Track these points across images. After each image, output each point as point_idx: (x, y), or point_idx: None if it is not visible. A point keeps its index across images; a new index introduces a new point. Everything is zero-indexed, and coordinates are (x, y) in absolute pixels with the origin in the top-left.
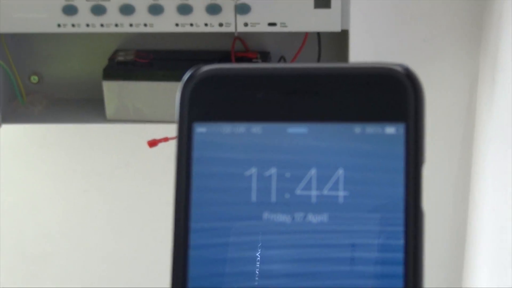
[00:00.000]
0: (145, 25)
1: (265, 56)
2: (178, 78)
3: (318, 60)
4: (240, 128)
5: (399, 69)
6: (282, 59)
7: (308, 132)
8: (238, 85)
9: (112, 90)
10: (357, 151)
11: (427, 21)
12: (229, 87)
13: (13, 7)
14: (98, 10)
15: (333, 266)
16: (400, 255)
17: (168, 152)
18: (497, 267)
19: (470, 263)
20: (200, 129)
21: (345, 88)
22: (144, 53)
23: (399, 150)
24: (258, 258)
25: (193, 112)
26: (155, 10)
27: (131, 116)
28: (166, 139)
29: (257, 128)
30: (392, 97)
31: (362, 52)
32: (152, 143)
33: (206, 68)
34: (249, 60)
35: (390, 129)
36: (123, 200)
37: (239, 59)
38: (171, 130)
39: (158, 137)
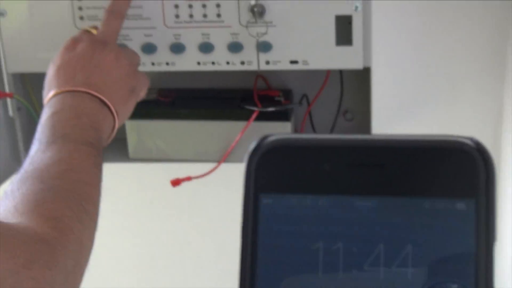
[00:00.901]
0: (167, 63)
1: (287, 94)
2: (200, 117)
3: (341, 98)
4: (306, 200)
5: (469, 142)
6: (304, 97)
7: (376, 206)
8: (305, 156)
9: (134, 129)
10: (426, 226)
11: (450, 59)
12: (295, 158)
13: (36, 47)
14: None
15: None
16: None
17: (191, 191)
18: None
19: None
20: (266, 200)
21: (413, 161)
22: (166, 91)
23: (469, 227)
24: None
25: (259, 182)
26: (177, 48)
27: (153, 155)
28: (189, 178)
29: (324, 201)
30: (462, 171)
31: (385, 89)
32: (175, 182)
33: (272, 138)
34: (271, 98)
35: (460, 205)
36: (146, 239)
37: (261, 97)
38: (194, 169)
39: (181, 176)
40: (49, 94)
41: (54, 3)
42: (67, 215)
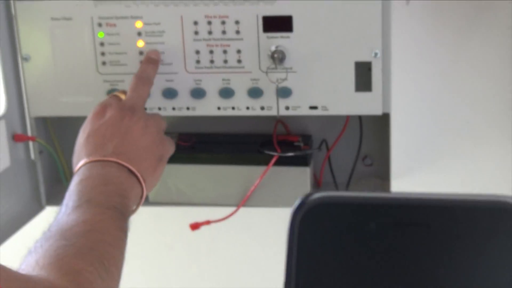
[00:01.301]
0: (188, 108)
1: (306, 139)
2: (221, 161)
3: (360, 143)
4: (350, 260)
5: None
6: (323, 142)
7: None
8: (350, 213)
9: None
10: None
11: (470, 106)
12: (340, 216)
13: (59, 92)
14: None
15: None
16: None
17: (210, 235)
18: None
19: None
20: (310, 258)
21: (459, 220)
22: (186, 136)
23: None
24: None
25: (303, 240)
26: (198, 93)
27: (173, 199)
28: (208, 222)
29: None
30: (508, 231)
31: (404, 135)
32: (195, 226)
33: (317, 195)
34: (290, 143)
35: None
36: (164, 282)
37: (281, 142)
38: (213, 213)
39: (200, 220)
40: (79, 163)
41: (77, 48)
42: (87, 270)
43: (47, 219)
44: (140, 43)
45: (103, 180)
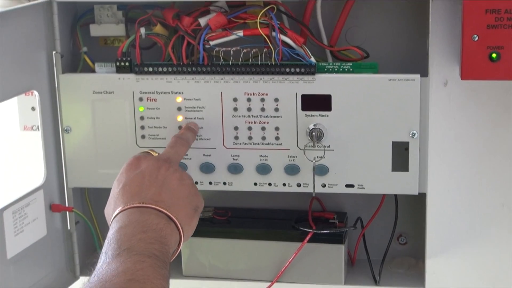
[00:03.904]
0: (225, 183)
1: (342, 216)
2: (255, 236)
3: (395, 221)
4: None
5: None
6: (358, 219)
7: None
8: None
9: (188, 246)
10: None
11: (508, 187)
12: None
13: (98, 163)
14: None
15: None
16: None
17: None
18: None
19: None
20: None
21: None
22: (222, 210)
23: None
24: None
25: None
26: (235, 169)
27: (207, 273)
28: None
29: None
30: None
31: (440, 215)
32: None
33: None
34: (325, 220)
35: None
36: None
37: (316, 219)
38: None
39: None
40: (116, 210)
41: (117, 121)
42: None
43: None
44: (180, 118)
45: (142, 227)
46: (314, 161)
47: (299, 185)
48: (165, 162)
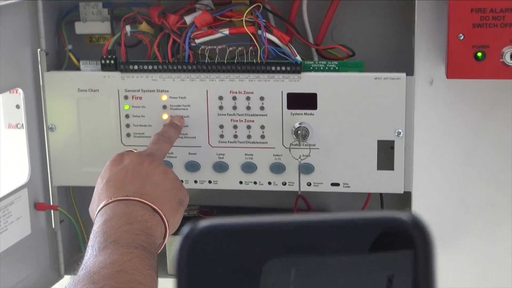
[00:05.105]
0: (210, 182)
1: None
2: None
3: None
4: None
5: (405, 218)
6: None
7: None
8: (237, 240)
9: (174, 244)
10: None
11: (493, 187)
12: (227, 243)
13: (83, 162)
14: None
15: None
16: None
17: None
18: None
19: None
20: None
21: (349, 241)
22: (207, 208)
23: None
24: None
25: (192, 267)
26: (220, 167)
27: None
28: None
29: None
30: (399, 249)
31: (425, 214)
32: None
33: (204, 223)
34: None
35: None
36: None
37: None
38: None
39: None
40: (100, 204)
41: (102, 119)
42: None
43: None
44: (165, 116)
45: (127, 219)
46: (299, 159)
47: (284, 183)
48: (148, 156)
